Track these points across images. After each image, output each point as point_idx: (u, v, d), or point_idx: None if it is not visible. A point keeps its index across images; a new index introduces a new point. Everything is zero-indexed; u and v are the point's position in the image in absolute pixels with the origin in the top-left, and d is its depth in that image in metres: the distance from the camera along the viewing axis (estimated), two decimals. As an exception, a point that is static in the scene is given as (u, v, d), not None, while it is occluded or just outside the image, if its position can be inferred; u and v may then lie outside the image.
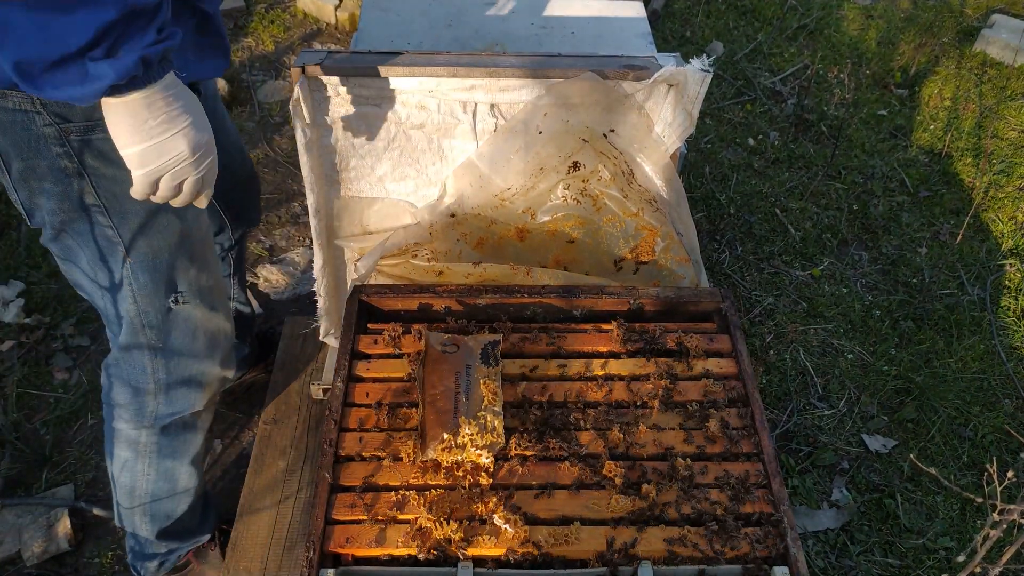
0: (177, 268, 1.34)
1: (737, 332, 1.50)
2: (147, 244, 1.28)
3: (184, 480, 1.62)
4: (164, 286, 1.35)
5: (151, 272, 1.32)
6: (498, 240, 1.72)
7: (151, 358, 1.42)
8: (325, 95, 1.49)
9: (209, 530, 1.77)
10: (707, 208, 2.88)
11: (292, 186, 2.92)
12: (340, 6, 3.68)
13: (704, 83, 1.48)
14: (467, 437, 1.27)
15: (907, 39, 3.77)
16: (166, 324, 1.39)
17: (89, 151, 1.15)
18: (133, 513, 1.62)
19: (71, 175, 1.17)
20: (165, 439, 1.54)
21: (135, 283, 1.32)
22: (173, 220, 1.29)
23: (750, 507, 1.25)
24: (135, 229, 1.26)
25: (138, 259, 1.29)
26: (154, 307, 1.36)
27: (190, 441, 1.59)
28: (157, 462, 1.56)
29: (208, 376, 1.51)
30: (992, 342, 2.44)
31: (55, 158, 1.15)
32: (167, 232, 1.29)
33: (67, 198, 1.20)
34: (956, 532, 2.00)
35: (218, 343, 1.50)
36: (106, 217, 1.23)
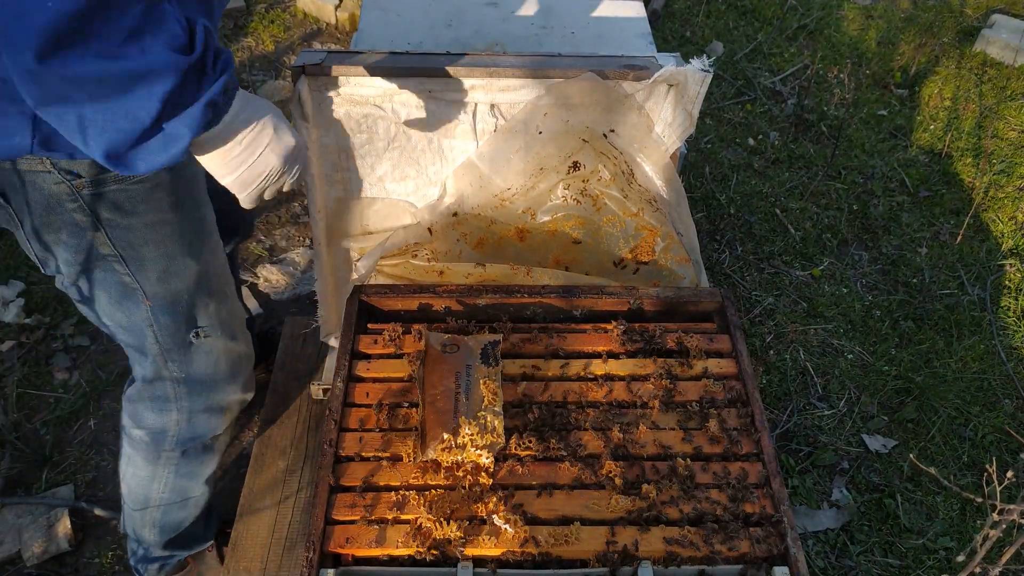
0: (197, 306, 1.35)
1: (737, 332, 1.50)
2: (166, 289, 1.29)
3: (196, 496, 1.65)
4: (185, 324, 1.36)
5: (171, 313, 1.33)
6: (498, 240, 1.72)
7: (174, 388, 1.43)
8: (325, 95, 1.49)
9: (212, 536, 1.79)
10: (707, 208, 2.88)
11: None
12: (340, 6, 3.68)
13: (704, 83, 1.48)
14: (467, 437, 1.27)
15: (907, 39, 3.77)
16: (188, 357, 1.40)
17: (102, 203, 1.15)
18: (143, 525, 1.65)
19: (86, 228, 1.17)
20: (184, 461, 1.56)
21: (156, 324, 1.33)
22: (191, 263, 1.30)
23: (750, 507, 1.25)
24: (154, 276, 1.27)
25: (158, 303, 1.30)
26: (176, 343, 1.37)
27: (207, 463, 1.61)
28: (173, 481, 1.58)
29: (229, 401, 1.53)
30: (992, 342, 2.44)
31: (69, 213, 1.15)
32: (185, 275, 1.30)
33: (82, 250, 1.20)
34: (956, 532, 2.00)
35: (239, 369, 1.51)
36: (123, 265, 1.24)
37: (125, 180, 1.14)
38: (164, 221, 1.23)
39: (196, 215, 1.29)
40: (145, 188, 1.17)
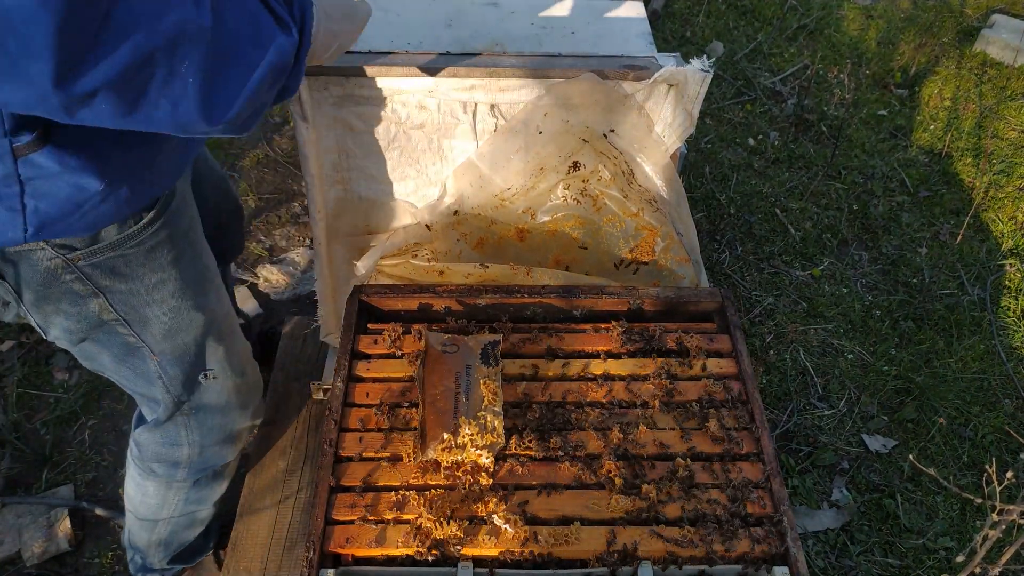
0: (206, 352, 1.35)
1: (737, 332, 1.50)
2: (172, 344, 1.28)
3: (203, 517, 1.66)
4: (194, 370, 1.36)
5: (180, 364, 1.32)
6: (498, 240, 1.72)
7: (185, 427, 1.44)
8: (325, 95, 1.49)
9: (212, 546, 1.80)
10: (707, 208, 2.88)
11: (292, 186, 2.92)
12: (340, 6, 3.67)
13: (704, 83, 1.48)
14: (467, 437, 1.27)
15: (907, 39, 3.77)
16: (198, 398, 1.40)
17: (100, 272, 1.14)
18: (148, 544, 1.66)
19: (86, 296, 1.16)
20: (195, 490, 1.57)
21: (165, 376, 1.32)
22: (196, 316, 1.29)
23: (750, 507, 1.25)
24: (159, 334, 1.26)
25: (165, 357, 1.29)
26: (186, 388, 1.37)
27: (218, 487, 1.62)
28: (183, 507, 1.59)
29: (240, 430, 1.54)
30: (992, 342, 2.44)
31: (66, 284, 1.13)
32: (192, 327, 1.29)
33: (84, 317, 1.19)
34: (956, 532, 2.00)
35: (249, 400, 1.52)
36: (127, 328, 1.23)
37: (122, 245, 1.12)
38: (165, 280, 1.21)
39: (197, 265, 1.28)
40: (143, 250, 1.15)
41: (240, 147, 3.06)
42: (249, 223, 2.78)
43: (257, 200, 2.86)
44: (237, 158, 3.02)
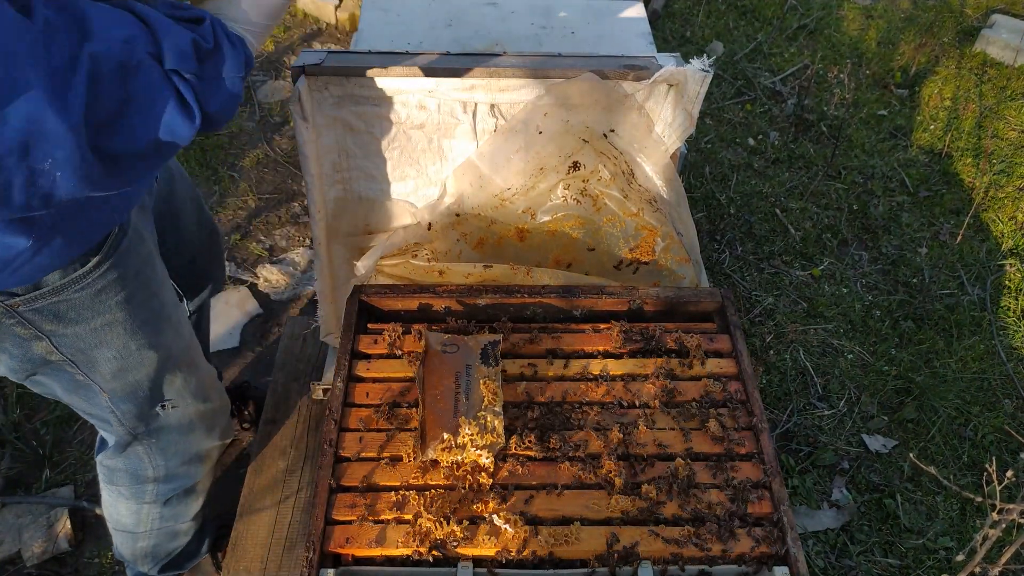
0: (162, 385, 1.31)
1: (737, 332, 1.50)
2: (123, 383, 1.24)
3: (185, 529, 1.65)
4: (149, 403, 1.32)
5: (132, 400, 1.28)
6: (498, 240, 1.72)
7: (147, 452, 1.41)
8: (325, 95, 1.49)
9: (207, 549, 1.79)
10: (707, 208, 2.88)
11: (292, 186, 2.92)
12: (340, 6, 3.68)
13: (704, 83, 1.48)
14: (467, 437, 1.27)
15: (907, 39, 3.77)
16: (157, 427, 1.37)
17: (42, 317, 1.09)
18: (135, 557, 1.65)
19: (29, 339, 1.11)
20: (167, 508, 1.55)
21: (117, 410, 1.29)
22: (148, 354, 1.24)
23: (750, 507, 1.25)
24: (108, 374, 1.21)
25: (116, 395, 1.25)
26: (143, 421, 1.34)
27: (192, 504, 1.60)
28: (159, 523, 1.57)
29: (207, 451, 1.52)
30: (992, 342, 2.44)
31: (9, 328, 1.08)
32: (143, 365, 1.25)
33: (29, 359, 1.15)
34: (956, 532, 2.00)
35: (215, 423, 1.49)
36: (75, 368, 1.18)
37: (65, 290, 1.07)
38: (114, 321, 1.16)
39: (152, 304, 1.22)
40: (89, 294, 1.10)
41: (240, 147, 3.06)
42: (249, 223, 2.78)
43: (257, 200, 2.86)
44: (237, 158, 3.02)
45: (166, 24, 0.86)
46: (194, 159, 2.96)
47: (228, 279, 2.57)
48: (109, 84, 0.79)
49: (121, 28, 0.82)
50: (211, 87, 0.90)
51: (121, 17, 0.83)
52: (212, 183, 2.90)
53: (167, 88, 0.85)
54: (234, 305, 2.50)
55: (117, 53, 0.80)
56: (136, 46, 0.82)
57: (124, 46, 0.81)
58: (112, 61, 0.80)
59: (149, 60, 0.83)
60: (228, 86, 0.92)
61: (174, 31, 0.86)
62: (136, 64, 0.82)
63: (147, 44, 0.83)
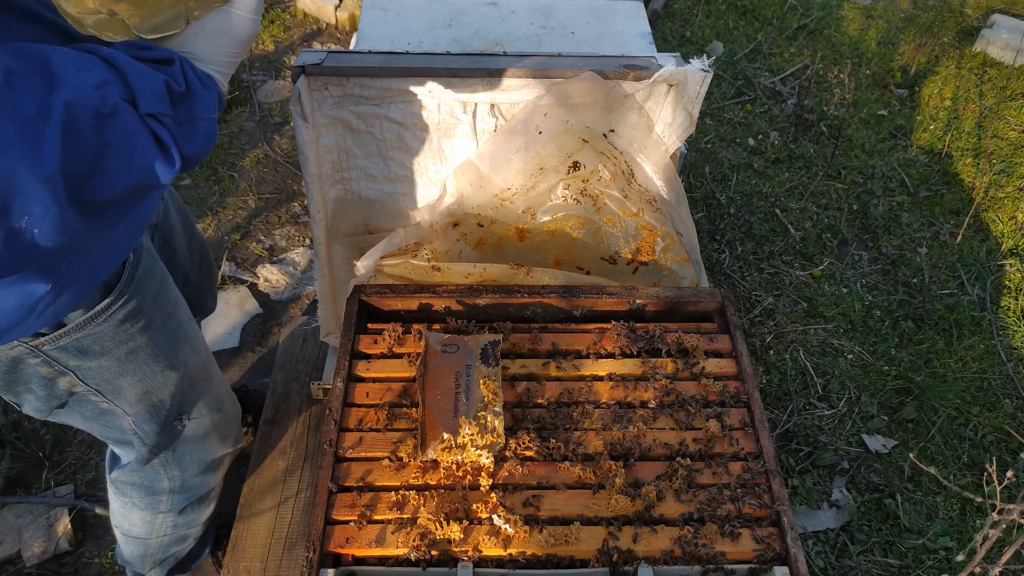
0: (182, 401, 1.33)
1: (737, 332, 1.50)
2: (147, 403, 1.25)
3: (195, 534, 1.65)
4: (170, 423, 1.33)
5: (155, 419, 1.30)
6: (498, 240, 1.72)
7: (164, 465, 1.42)
8: (325, 95, 1.49)
9: (209, 550, 1.79)
10: (707, 208, 2.88)
11: (292, 186, 2.92)
12: (340, 6, 3.68)
13: (704, 83, 1.48)
14: (467, 437, 1.27)
15: (907, 39, 3.77)
16: (175, 440, 1.38)
17: (67, 354, 1.09)
18: (142, 563, 1.65)
19: (54, 377, 1.11)
20: (181, 516, 1.56)
21: (141, 432, 1.30)
22: (171, 374, 1.25)
23: (750, 507, 1.25)
24: (134, 398, 1.23)
25: (140, 417, 1.27)
26: (163, 438, 1.35)
27: (205, 510, 1.61)
28: (172, 531, 1.58)
29: (221, 459, 1.53)
30: (992, 342, 2.44)
31: (34, 368, 1.08)
32: (166, 385, 1.26)
33: (55, 395, 1.15)
34: (956, 532, 2.00)
35: (229, 431, 1.51)
36: (100, 396, 1.19)
37: (89, 325, 1.07)
38: (137, 348, 1.17)
39: (169, 324, 1.23)
40: (111, 326, 1.10)
41: (240, 147, 3.06)
42: (249, 223, 2.78)
43: (257, 200, 2.86)
44: (237, 158, 3.02)
45: (136, 67, 0.82)
46: (194, 159, 2.96)
47: (228, 279, 2.57)
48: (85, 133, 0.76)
49: (91, 73, 0.78)
50: (187, 129, 0.87)
51: (89, 62, 0.79)
52: (212, 183, 2.90)
53: (144, 133, 0.82)
54: (234, 305, 2.49)
55: (90, 100, 0.76)
56: (109, 91, 0.78)
57: (96, 92, 0.77)
58: (86, 109, 0.76)
59: (124, 105, 0.79)
60: (203, 127, 0.89)
61: (145, 74, 0.82)
62: (111, 110, 0.78)
63: (120, 89, 0.80)
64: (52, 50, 0.77)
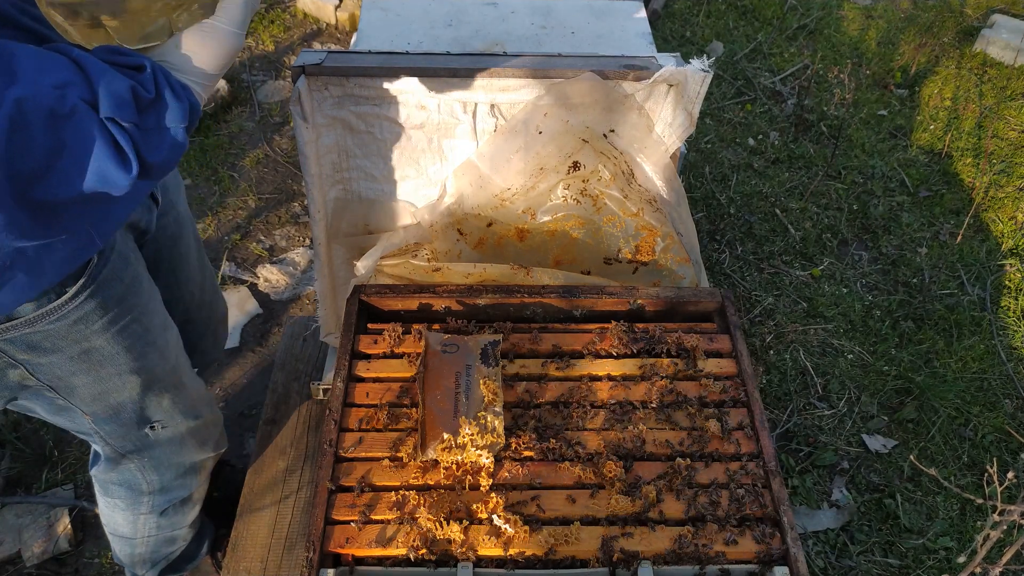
0: (146, 407, 1.29)
1: (737, 332, 1.50)
2: (104, 405, 1.22)
3: (183, 535, 1.64)
4: (135, 426, 1.30)
5: (116, 421, 1.27)
6: (498, 240, 1.72)
7: (140, 469, 1.40)
8: (325, 95, 1.49)
9: (207, 550, 1.78)
10: (707, 208, 2.88)
11: (292, 186, 2.92)
12: (340, 6, 3.68)
13: (704, 83, 1.48)
14: (467, 437, 1.27)
15: (907, 39, 3.77)
16: (147, 446, 1.35)
17: (15, 347, 1.05)
18: (133, 563, 1.65)
19: (4, 367, 1.08)
20: (164, 517, 1.55)
21: (102, 431, 1.27)
22: (130, 379, 1.21)
23: (750, 507, 1.25)
24: (88, 398, 1.19)
25: (98, 416, 1.24)
26: (130, 441, 1.32)
27: (189, 512, 1.60)
28: (156, 533, 1.57)
29: (201, 464, 1.51)
30: (992, 342, 2.44)
31: None
32: (125, 388, 1.22)
33: (7, 386, 1.12)
34: (956, 532, 2.00)
35: (207, 437, 1.48)
36: (54, 393, 1.16)
37: (39, 322, 1.03)
38: (91, 349, 1.12)
39: (132, 329, 1.18)
40: (64, 325, 1.06)
41: (240, 147, 3.06)
42: (249, 223, 2.78)
43: (257, 200, 2.86)
44: (237, 158, 3.02)
45: (103, 70, 0.80)
46: (194, 159, 2.96)
47: (228, 279, 2.57)
48: (37, 131, 0.75)
49: (53, 73, 0.77)
50: (152, 137, 0.85)
51: (54, 61, 0.78)
52: (212, 183, 2.90)
53: (102, 136, 0.80)
54: (234, 305, 2.50)
55: (46, 99, 0.75)
56: (69, 92, 0.77)
57: (54, 92, 0.76)
58: (41, 108, 0.75)
59: (83, 107, 0.78)
60: (171, 135, 0.87)
61: (111, 78, 0.81)
62: (68, 111, 0.77)
63: (82, 91, 0.78)
64: (19, 47, 0.76)
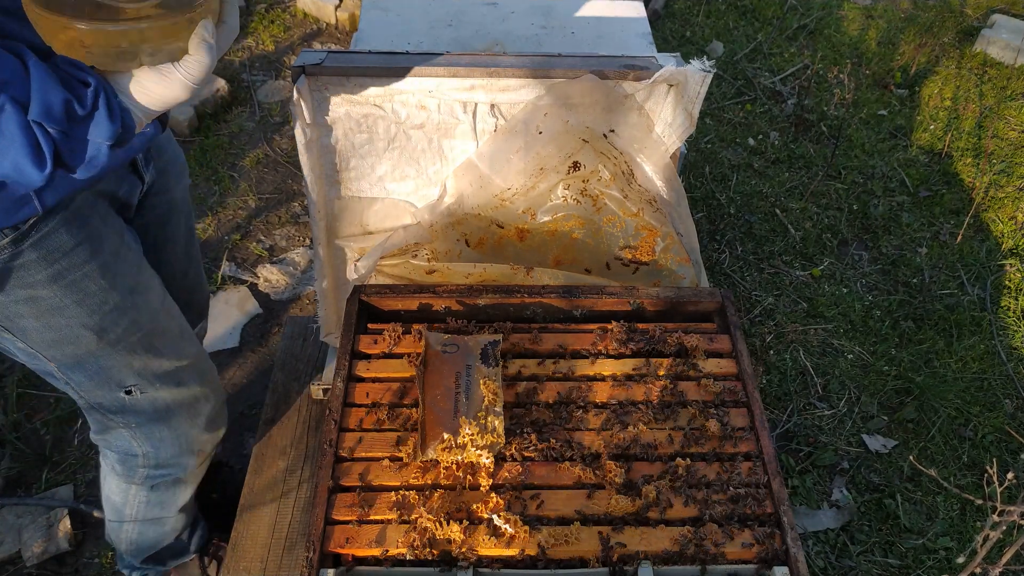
0: (113, 368, 1.28)
1: (737, 332, 1.50)
2: (63, 354, 1.23)
3: (171, 524, 1.63)
4: (105, 383, 1.30)
5: (82, 371, 1.27)
6: (498, 240, 1.72)
7: (130, 434, 1.40)
8: (325, 95, 1.49)
9: (194, 550, 1.76)
10: (707, 208, 2.88)
11: (292, 186, 2.92)
12: (340, 6, 3.68)
13: (704, 83, 1.48)
14: (467, 437, 1.27)
15: (907, 39, 3.77)
16: (130, 410, 1.35)
17: None
18: (119, 540, 1.64)
19: None
20: (154, 494, 1.54)
21: (71, 380, 1.28)
22: (83, 333, 1.21)
23: (750, 507, 1.25)
24: (43, 344, 1.21)
25: (63, 364, 1.25)
26: (106, 399, 1.32)
27: (179, 494, 1.58)
28: (145, 508, 1.56)
29: (199, 443, 1.50)
30: (992, 342, 2.44)
31: None
32: (81, 341, 1.22)
33: None
34: (956, 532, 2.00)
35: (198, 410, 1.46)
36: (9, 334, 1.19)
37: None
38: (38, 297, 1.14)
39: (84, 285, 1.18)
40: (2, 268, 1.09)
41: (240, 147, 3.06)
42: (249, 223, 2.78)
43: (257, 200, 2.86)
44: (237, 158, 3.02)
45: (44, 79, 0.89)
46: (194, 159, 2.96)
47: (228, 279, 2.57)
48: None
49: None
50: (76, 145, 0.93)
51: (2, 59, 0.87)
52: (212, 183, 2.90)
53: (24, 135, 0.88)
54: (234, 305, 2.50)
55: None
56: (5, 89, 0.86)
57: None
58: None
59: (12, 105, 0.87)
60: (92, 149, 0.94)
61: (49, 87, 0.89)
62: None
63: (17, 91, 0.87)
64: None
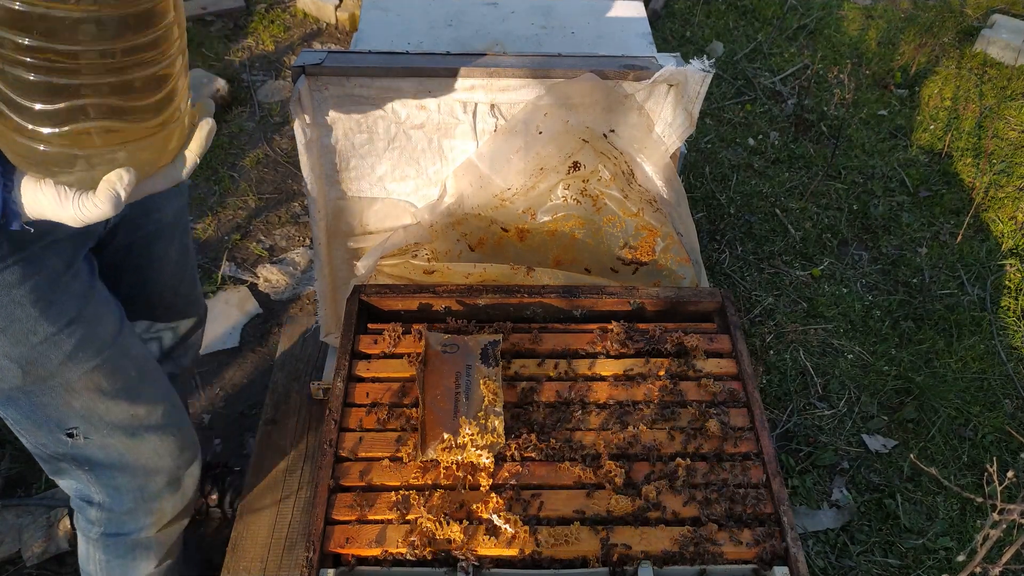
0: (49, 406, 1.20)
1: (737, 332, 1.50)
2: None
3: None
4: (42, 423, 1.22)
5: (14, 407, 1.19)
6: (498, 240, 1.72)
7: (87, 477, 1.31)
8: (325, 95, 1.49)
9: None
10: (707, 208, 2.88)
11: (292, 186, 2.92)
12: (340, 6, 3.68)
13: (704, 83, 1.48)
14: (467, 437, 1.27)
15: (907, 39, 3.77)
16: (78, 455, 1.27)
17: None
18: None
19: None
20: (115, 560, 1.43)
21: (7, 417, 1.21)
22: (6, 364, 1.13)
23: (750, 507, 1.25)
24: None
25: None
26: (48, 440, 1.24)
27: (139, 566, 1.46)
28: (107, 570, 1.45)
29: (155, 497, 1.38)
30: (992, 342, 2.44)
31: None
32: (5, 375, 1.14)
33: None
34: (956, 532, 2.00)
35: (158, 466, 1.35)
36: None
37: None
38: None
39: (18, 317, 1.11)
40: None
41: (240, 147, 3.06)
42: (249, 223, 2.78)
43: (257, 200, 2.86)
44: (237, 158, 3.02)
45: None
46: (194, 159, 2.95)
47: (228, 279, 2.57)
48: None
49: None
50: None
51: None
52: (212, 183, 2.90)
53: None
54: (234, 305, 2.50)
55: None
56: None
57: None
58: None
59: None
60: None
61: None
62: None
63: None
64: None
